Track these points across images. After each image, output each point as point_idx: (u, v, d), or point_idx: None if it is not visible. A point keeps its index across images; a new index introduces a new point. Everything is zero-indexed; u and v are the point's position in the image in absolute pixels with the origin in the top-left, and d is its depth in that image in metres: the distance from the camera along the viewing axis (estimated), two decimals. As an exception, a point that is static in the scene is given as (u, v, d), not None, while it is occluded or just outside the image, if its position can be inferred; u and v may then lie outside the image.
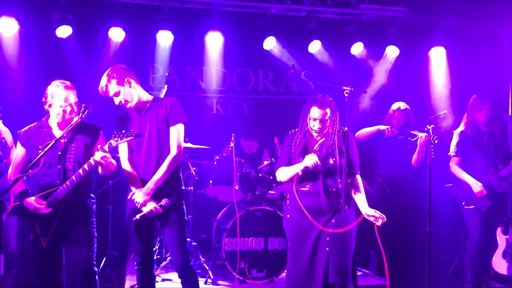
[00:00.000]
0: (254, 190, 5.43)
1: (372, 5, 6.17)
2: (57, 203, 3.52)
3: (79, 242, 3.60)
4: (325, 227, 3.59)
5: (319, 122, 3.63)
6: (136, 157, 3.69)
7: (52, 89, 3.63)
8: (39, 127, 3.69)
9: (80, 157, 3.58)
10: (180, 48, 6.37)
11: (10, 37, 5.71)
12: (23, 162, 3.68)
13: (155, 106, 3.67)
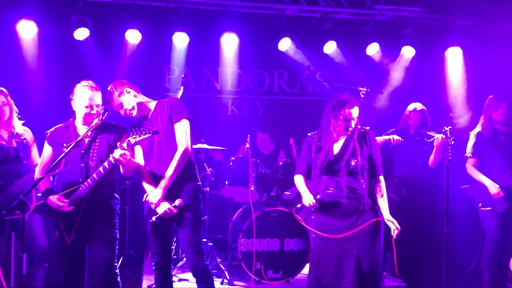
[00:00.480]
0: (269, 191, 5.45)
1: (388, 5, 6.14)
2: (80, 201, 3.57)
3: (101, 243, 3.64)
4: (351, 229, 3.60)
5: (354, 120, 3.64)
6: (149, 159, 3.73)
7: (79, 88, 3.71)
8: (65, 126, 3.78)
9: (103, 156, 3.62)
10: (195, 49, 6.42)
11: (29, 40, 5.80)
12: (50, 161, 3.76)
13: (158, 110, 3.74)
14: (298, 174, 3.83)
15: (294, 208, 3.99)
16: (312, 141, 3.77)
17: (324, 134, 3.73)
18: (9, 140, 4.12)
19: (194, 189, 3.69)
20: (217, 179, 5.82)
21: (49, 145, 3.76)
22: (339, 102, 3.64)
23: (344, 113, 3.61)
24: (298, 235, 5.13)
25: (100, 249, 3.64)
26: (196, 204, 3.68)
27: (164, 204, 3.56)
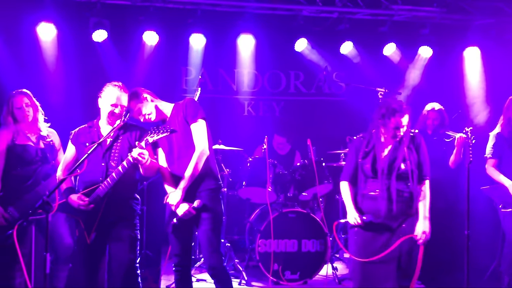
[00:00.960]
0: (286, 192, 5.45)
1: (405, 5, 6.13)
2: (99, 200, 3.61)
3: (122, 243, 3.66)
4: (396, 232, 3.60)
5: (404, 128, 3.63)
6: (169, 160, 3.76)
7: (108, 87, 3.76)
8: (89, 126, 3.83)
9: (124, 156, 3.64)
10: (212, 50, 6.45)
11: (49, 42, 5.89)
12: (73, 160, 3.81)
13: (174, 112, 3.76)
14: (344, 181, 3.79)
15: (336, 222, 3.92)
16: (359, 145, 3.74)
17: (372, 139, 3.71)
18: (36, 141, 4.20)
19: (213, 189, 3.69)
20: (235, 179, 5.84)
21: (73, 145, 3.81)
22: (389, 110, 3.60)
23: (394, 121, 3.59)
24: (315, 236, 5.13)
25: (121, 250, 3.66)
26: (215, 205, 3.67)
27: (183, 206, 3.57)
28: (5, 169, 4.10)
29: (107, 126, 3.77)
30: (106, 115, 3.73)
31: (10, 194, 4.09)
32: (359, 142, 3.76)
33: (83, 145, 3.72)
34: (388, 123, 3.61)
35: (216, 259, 3.63)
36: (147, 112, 3.74)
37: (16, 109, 4.15)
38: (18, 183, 4.11)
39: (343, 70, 6.85)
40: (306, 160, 5.43)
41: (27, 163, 4.13)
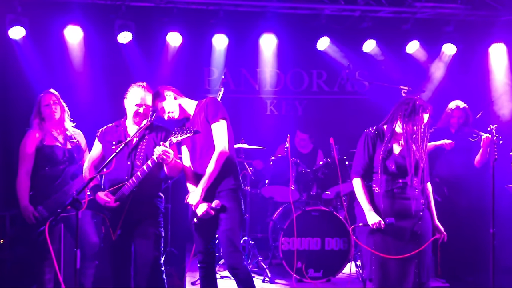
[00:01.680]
0: (309, 191, 5.48)
1: (428, 2, 6.08)
2: (125, 198, 3.69)
3: (146, 241, 3.73)
4: (414, 229, 3.60)
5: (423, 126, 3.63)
6: (192, 159, 3.82)
7: (133, 87, 3.85)
8: (117, 125, 3.92)
9: (149, 155, 3.71)
10: (234, 50, 6.50)
11: (76, 44, 6.03)
12: (99, 158, 3.91)
13: (197, 111, 3.81)
14: (357, 177, 3.72)
15: (353, 226, 3.77)
16: (374, 139, 3.70)
17: (387, 135, 3.69)
18: (64, 142, 4.32)
19: (232, 189, 3.71)
20: (257, 178, 5.89)
21: (99, 143, 3.90)
22: (415, 107, 3.60)
23: (418, 119, 3.60)
24: (339, 234, 5.15)
25: (145, 247, 3.73)
26: (235, 204, 3.69)
27: (202, 206, 3.61)
28: (34, 169, 4.24)
29: (134, 126, 3.85)
30: (132, 115, 3.81)
31: (39, 193, 4.23)
32: (372, 136, 3.71)
33: (110, 144, 3.81)
34: (411, 120, 3.60)
35: (236, 259, 3.64)
36: (170, 110, 3.80)
37: (44, 106, 4.27)
38: (47, 183, 4.24)
39: (366, 68, 6.83)
40: (329, 158, 5.44)
41: (55, 163, 4.25)
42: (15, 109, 5.85)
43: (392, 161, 3.62)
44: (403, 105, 3.67)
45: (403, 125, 3.63)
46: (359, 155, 3.74)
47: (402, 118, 3.63)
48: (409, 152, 3.61)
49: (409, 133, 3.61)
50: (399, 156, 3.64)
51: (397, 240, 3.59)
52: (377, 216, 3.57)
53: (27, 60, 5.89)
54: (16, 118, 5.79)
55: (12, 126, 5.83)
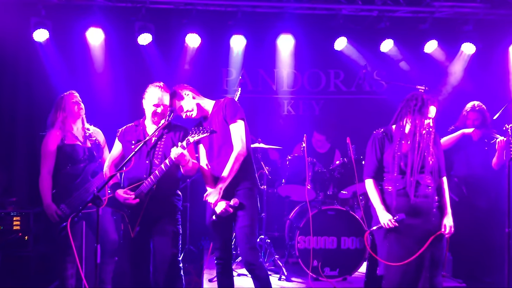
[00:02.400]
0: (326, 190, 5.50)
1: (447, 2, 6.05)
2: (143, 195, 3.78)
3: (164, 238, 3.82)
4: (426, 227, 3.63)
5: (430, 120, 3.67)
6: (209, 159, 3.89)
7: (150, 88, 3.93)
8: (136, 125, 4.02)
9: (167, 154, 3.80)
10: (252, 51, 6.57)
11: (97, 46, 6.18)
12: (119, 157, 4.02)
13: (215, 111, 3.88)
14: (369, 179, 3.76)
15: (369, 231, 3.82)
16: (382, 140, 3.74)
17: (397, 133, 3.72)
18: (84, 141, 4.43)
19: (249, 188, 3.80)
20: (274, 177, 5.94)
21: (119, 142, 4.01)
22: (424, 101, 3.64)
23: (427, 112, 3.63)
24: (355, 233, 5.16)
25: (163, 244, 3.82)
26: (252, 203, 3.77)
27: (221, 204, 3.70)
28: (55, 168, 4.36)
29: (152, 125, 3.94)
30: (150, 115, 3.90)
31: (61, 191, 4.35)
32: (381, 137, 3.74)
33: (129, 143, 3.91)
34: (421, 114, 3.63)
35: (253, 255, 3.72)
36: (188, 109, 3.88)
37: (71, 103, 4.37)
38: (68, 181, 4.35)
39: (384, 68, 6.82)
40: (345, 158, 5.46)
41: (76, 161, 4.36)
42: (38, 109, 6.01)
43: (403, 159, 3.64)
44: (410, 101, 3.69)
45: (413, 121, 3.65)
46: (368, 157, 3.79)
47: (412, 114, 3.65)
48: (417, 150, 3.62)
49: (420, 128, 3.63)
50: (411, 153, 3.65)
51: (411, 238, 3.60)
52: (388, 214, 3.60)
53: (51, 62, 6.06)
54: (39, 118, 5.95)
55: (36, 126, 6.00)
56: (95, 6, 5.92)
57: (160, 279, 3.82)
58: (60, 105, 4.39)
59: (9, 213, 5.29)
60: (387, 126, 3.82)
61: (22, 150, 6.09)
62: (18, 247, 5.21)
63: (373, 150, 3.76)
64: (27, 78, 6.10)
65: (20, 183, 6.04)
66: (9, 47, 5.89)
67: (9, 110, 6.05)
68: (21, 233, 5.27)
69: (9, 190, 5.90)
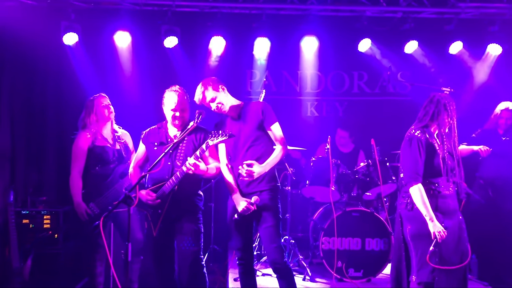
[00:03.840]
0: (350, 191, 5.52)
1: (472, 3, 6.01)
2: (165, 196, 3.88)
3: (186, 236, 3.90)
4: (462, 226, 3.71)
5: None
6: (234, 159, 3.94)
7: (167, 93, 4.03)
8: (159, 128, 4.12)
9: (188, 155, 3.86)
10: (276, 53, 6.61)
11: (125, 49, 6.30)
12: (143, 158, 4.14)
13: (246, 112, 3.92)
14: (416, 184, 3.62)
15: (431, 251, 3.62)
16: (427, 142, 3.69)
17: (442, 135, 3.74)
18: (113, 143, 4.56)
19: (273, 188, 3.87)
20: (298, 178, 5.97)
21: (143, 144, 4.12)
22: (449, 102, 3.71)
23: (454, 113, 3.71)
24: (379, 235, 5.17)
25: (185, 242, 3.90)
26: (275, 203, 3.84)
27: (242, 202, 3.78)
28: (85, 168, 4.48)
29: (173, 128, 4.03)
30: (170, 119, 4.00)
31: (91, 191, 4.47)
32: (424, 139, 3.69)
33: (152, 145, 4.02)
34: (449, 116, 3.69)
35: (278, 254, 3.78)
36: (221, 101, 3.91)
37: (102, 107, 4.49)
38: (98, 181, 4.47)
39: (408, 69, 6.80)
40: (370, 160, 5.46)
41: (105, 163, 4.48)
42: (68, 111, 6.17)
43: (450, 161, 3.68)
44: (446, 103, 3.72)
45: (450, 122, 3.70)
46: (413, 160, 3.65)
47: (448, 115, 3.70)
48: (456, 152, 3.69)
49: (444, 128, 3.69)
50: (449, 155, 3.70)
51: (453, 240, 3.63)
52: (440, 225, 3.53)
53: (80, 64, 6.20)
54: (68, 119, 6.11)
55: (65, 128, 6.16)
56: (123, 10, 6.05)
57: (184, 277, 3.91)
58: (91, 108, 4.50)
59: (39, 211, 5.46)
60: (421, 127, 3.76)
61: (52, 151, 6.25)
62: (48, 244, 5.37)
63: (418, 153, 3.64)
64: (57, 81, 6.25)
65: (50, 182, 6.19)
66: (40, 51, 6.05)
67: (39, 111, 6.21)
68: (51, 231, 5.42)
69: (39, 189, 6.06)
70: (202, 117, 3.85)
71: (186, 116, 4.01)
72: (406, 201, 3.70)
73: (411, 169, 3.65)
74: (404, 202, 3.72)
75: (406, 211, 3.70)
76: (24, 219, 5.38)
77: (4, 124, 5.77)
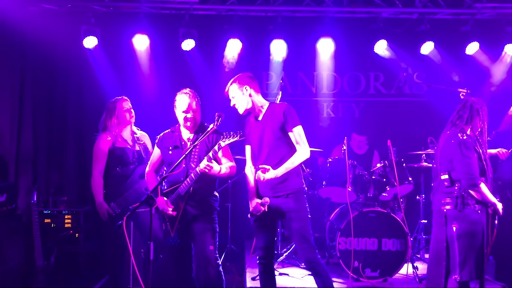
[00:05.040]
0: (366, 192, 5.55)
1: (489, 3, 5.99)
2: (181, 197, 3.97)
3: (202, 236, 3.98)
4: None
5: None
6: (257, 158, 3.98)
7: (178, 96, 4.11)
8: (172, 131, 4.20)
9: (202, 157, 3.94)
10: (292, 55, 6.67)
11: (143, 51, 6.41)
12: (158, 162, 4.22)
13: (269, 113, 3.94)
14: (481, 183, 3.80)
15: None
16: (474, 144, 3.83)
17: (477, 137, 3.84)
18: (133, 144, 4.64)
19: (301, 190, 3.90)
20: (314, 179, 6.01)
21: (158, 148, 4.21)
22: (483, 106, 3.85)
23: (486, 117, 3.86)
24: (396, 235, 5.19)
25: (201, 242, 3.98)
26: (303, 204, 3.89)
27: (253, 202, 3.85)
28: (106, 169, 4.57)
29: (186, 131, 4.11)
30: (182, 121, 4.07)
31: (112, 191, 4.55)
32: (471, 141, 3.81)
33: (167, 149, 4.09)
34: (481, 120, 3.82)
35: (311, 253, 3.84)
36: (237, 103, 3.91)
37: (124, 111, 4.58)
38: (118, 181, 4.56)
39: (424, 70, 6.80)
40: (386, 161, 5.48)
41: (126, 164, 4.57)
42: (88, 113, 6.30)
43: (487, 162, 3.81)
44: (479, 107, 3.84)
45: (482, 125, 3.82)
46: (471, 162, 3.78)
47: (481, 119, 3.82)
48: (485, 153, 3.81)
49: (475, 132, 3.79)
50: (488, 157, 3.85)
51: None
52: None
53: (99, 67, 6.33)
54: (88, 121, 6.24)
55: (85, 129, 6.29)
56: (141, 14, 6.15)
57: (201, 275, 3.98)
58: (113, 111, 4.58)
59: (61, 211, 5.59)
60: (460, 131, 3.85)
61: (72, 152, 6.38)
62: (69, 243, 5.50)
63: (471, 154, 3.78)
64: (77, 83, 6.38)
65: (71, 183, 6.32)
66: (61, 54, 6.19)
67: (60, 114, 6.35)
68: (72, 230, 5.55)
69: (60, 190, 6.20)
70: (221, 120, 3.90)
71: (198, 118, 4.08)
72: (455, 202, 3.81)
73: (468, 172, 3.76)
74: (453, 203, 3.83)
75: (456, 212, 3.81)
76: (46, 219, 5.53)
77: (27, 127, 5.92)
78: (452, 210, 3.83)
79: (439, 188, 3.94)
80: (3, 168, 5.56)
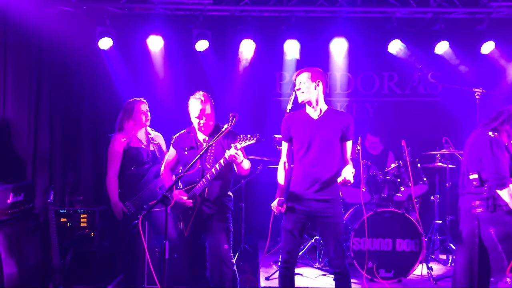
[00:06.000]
0: (381, 193, 5.53)
1: (505, 2, 5.94)
2: (196, 197, 4.00)
3: (216, 235, 4.00)
4: None
5: None
6: (303, 158, 3.84)
7: (191, 101, 4.13)
8: (188, 132, 4.23)
9: (218, 158, 3.98)
10: (305, 55, 6.66)
11: (157, 52, 6.46)
12: (174, 161, 4.26)
13: (331, 116, 3.84)
14: (507, 187, 3.68)
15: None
16: (504, 144, 3.77)
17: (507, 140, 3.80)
18: (147, 144, 4.69)
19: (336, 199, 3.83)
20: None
21: (174, 148, 4.24)
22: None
23: None
24: (410, 236, 5.16)
25: (215, 241, 4.00)
26: (341, 211, 3.86)
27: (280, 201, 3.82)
28: (121, 169, 4.62)
29: (200, 132, 4.14)
30: (196, 125, 4.11)
31: (126, 191, 4.60)
32: (502, 141, 3.76)
33: (183, 150, 4.13)
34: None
35: (343, 260, 3.80)
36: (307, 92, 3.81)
37: (141, 113, 4.63)
38: (133, 181, 4.60)
39: (439, 70, 6.76)
40: (400, 161, 5.46)
41: (140, 163, 4.61)
42: (102, 113, 6.36)
43: None
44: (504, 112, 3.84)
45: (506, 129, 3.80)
46: (501, 161, 3.71)
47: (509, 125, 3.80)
48: None
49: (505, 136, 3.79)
50: None
51: None
52: None
53: (114, 68, 6.40)
54: (103, 121, 6.31)
55: (100, 130, 6.35)
56: (155, 15, 6.20)
57: (215, 274, 3.99)
58: (130, 112, 4.62)
59: (76, 210, 5.65)
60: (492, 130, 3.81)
61: (87, 152, 6.45)
62: (85, 242, 5.56)
63: (502, 153, 3.71)
64: (93, 84, 6.45)
65: (86, 182, 6.39)
66: (76, 55, 6.26)
67: (75, 114, 6.42)
68: (88, 229, 5.61)
69: (76, 189, 6.27)
70: (236, 120, 3.89)
71: (212, 121, 4.11)
72: (486, 203, 3.74)
73: (498, 172, 3.69)
74: (483, 205, 3.75)
75: (488, 213, 3.74)
76: (62, 218, 5.60)
77: (43, 128, 5.99)
78: (484, 212, 3.74)
79: (468, 188, 3.85)
80: (20, 168, 5.64)
